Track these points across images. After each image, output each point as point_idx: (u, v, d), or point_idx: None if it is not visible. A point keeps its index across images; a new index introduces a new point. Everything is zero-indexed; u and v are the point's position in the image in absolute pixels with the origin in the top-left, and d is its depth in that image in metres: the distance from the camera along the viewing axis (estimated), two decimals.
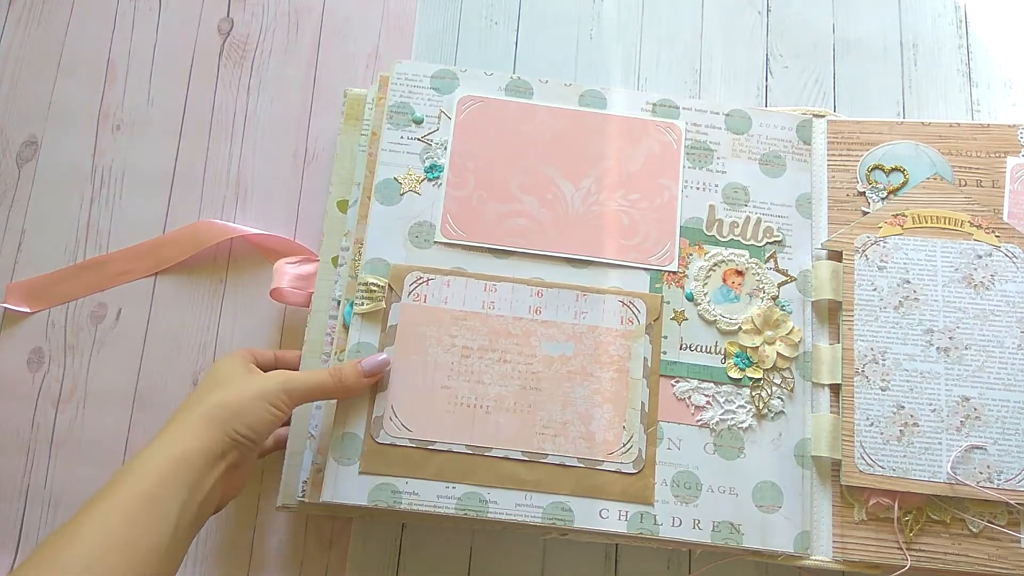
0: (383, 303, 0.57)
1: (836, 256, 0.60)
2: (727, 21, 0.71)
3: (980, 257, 0.58)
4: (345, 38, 0.71)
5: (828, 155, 0.63)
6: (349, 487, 0.53)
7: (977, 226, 0.58)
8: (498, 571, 0.58)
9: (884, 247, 0.58)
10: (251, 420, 0.48)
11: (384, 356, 0.55)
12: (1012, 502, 0.53)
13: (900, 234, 0.59)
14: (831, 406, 0.57)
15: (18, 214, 0.67)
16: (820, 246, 0.60)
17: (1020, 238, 0.58)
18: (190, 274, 0.65)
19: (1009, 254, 0.57)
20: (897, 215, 0.59)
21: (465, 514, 0.53)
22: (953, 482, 0.53)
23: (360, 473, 0.54)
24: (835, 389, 0.57)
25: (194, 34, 0.71)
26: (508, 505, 0.53)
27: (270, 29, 0.71)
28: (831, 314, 0.59)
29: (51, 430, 0.62)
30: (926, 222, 0.59)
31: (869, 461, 0.54)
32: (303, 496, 0.55)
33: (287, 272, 0.63)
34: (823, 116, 0.64)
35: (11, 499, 0.61)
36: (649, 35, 0.70)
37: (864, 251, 0.59)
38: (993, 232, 0.58)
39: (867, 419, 0.55)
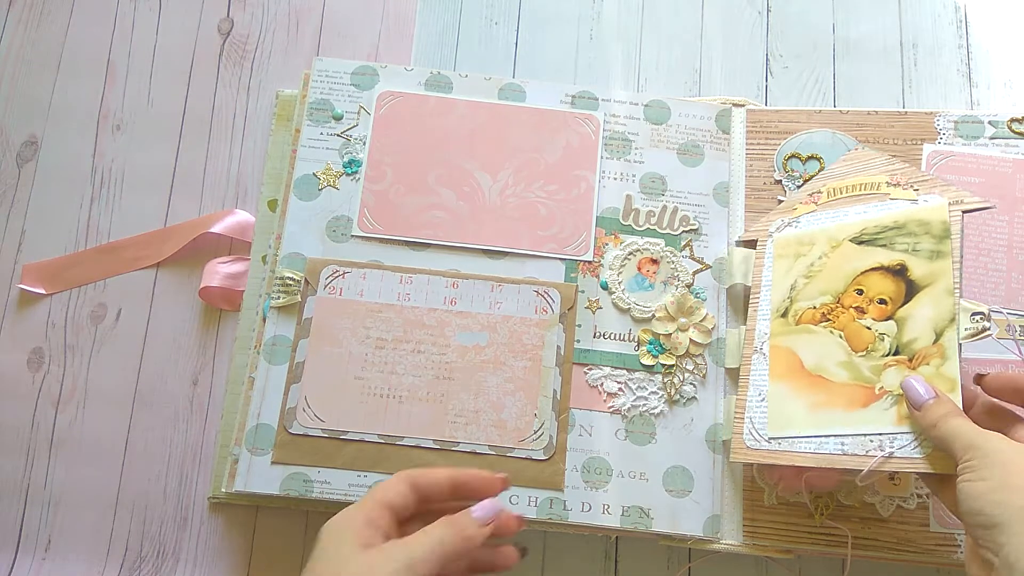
0: (299, 296, 0.58)
1: (753, 245, 0.60)
2: (727, 21, 0.71)
3: None
4: (345, 38, 0.71)
5: (746, 144, 0.63)
6: (261, 477, 0.54)
7: (895, 184, 0.55)
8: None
9: (797, 226, 0.58)
10: None
11: (493, 502, 0.44)
12: (898, 470, 0.48)
13: (814, 211, 0.58)
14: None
15: (18, 214, 0.67)
16: (736, 240, 0.60)
17: (943, 186, 0.53)
18: (190, 274, 0.65)
19: (928, 204, 0.53)
20: (812, 193, 0.58)
21: None
22: (840, 453, 0.50)
23: (273, 463, 0.55)
24: None
25: (194, 34, 0.71)
26: None
27: (270, 29, 0.71)
28: (746, 301, 0.59)
29: (51, 430, 0.62)
30: (841, 193, 0.57)
31: (756, 436, 0.53)
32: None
33: (219, 271, 0.64)
34: (743, 106, 0.65)
35: (11, 499, 0.61)
36: (649, 35, 0.71)
37: (776, 234, 0.59)
38: (911, 187, 0.55)
39: (759, 394, 0.54)
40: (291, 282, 0.58)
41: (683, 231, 0.61)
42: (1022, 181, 0.59)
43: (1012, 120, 0.61)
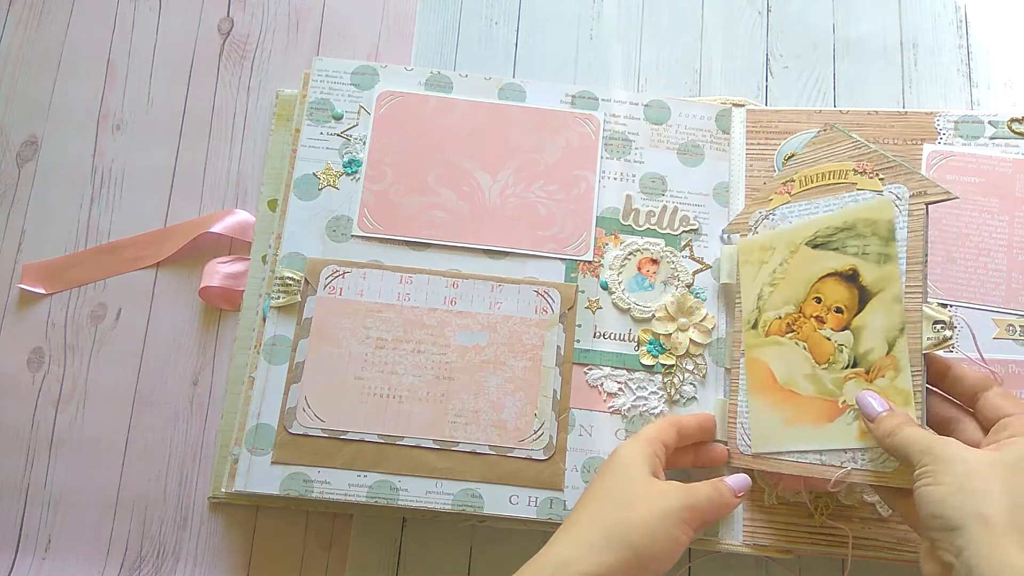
0: (299, 296, 0.58)
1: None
2: (727, 21, 0.71)
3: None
4: (345, 38, 0.71)
5: (747, 144, 0.63)
6: (262, 477, 0.54)
7: (861, 172, 0.53)
8: (498, 570, 0.59)
9: (773, 219, 0.57)
10: (658, 549, 0.45)
11: (744, 478, 0.50)
12: (862, 482, 0.48)
13: (788, 202, 0.56)
14: None
15: (18, 214, 0.67)
16: (722, 231, 0.60)
17: (907, 174, 0.50)
18: (190, 274, 0.65)
19: (892, 195, 0.51)
20: (786, 182, 0.57)
21: (376, 502, 0.54)
22: (821, 464, 0.50)
23: (273, 463, 0.55)
24: None
25: (194, 34, 0.71)
26: (419, 492, 0.54)
27: (270, 29, 0.71)
28: (730, 300, 0.59)
29: (51, 430, 0.62)
30: (812, 182, 0.55)
31: (748, 442, 0.54)
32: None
33: (219, 271, 0.64)
34: (743, 106, 0.65)
35: (11, 499, 0.61)
36: (649, 35, 0.71)
37: (756, 228, 0.58)
38: (877, 175, 0.52)
39: (747, 402, 0.55)
40: (291, 282, 0.58)
41: (683, 231, 0.61)
42: (1022, 181, 0.59)
43: (1012, 120, 0.61)
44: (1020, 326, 0.56)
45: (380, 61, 0.68)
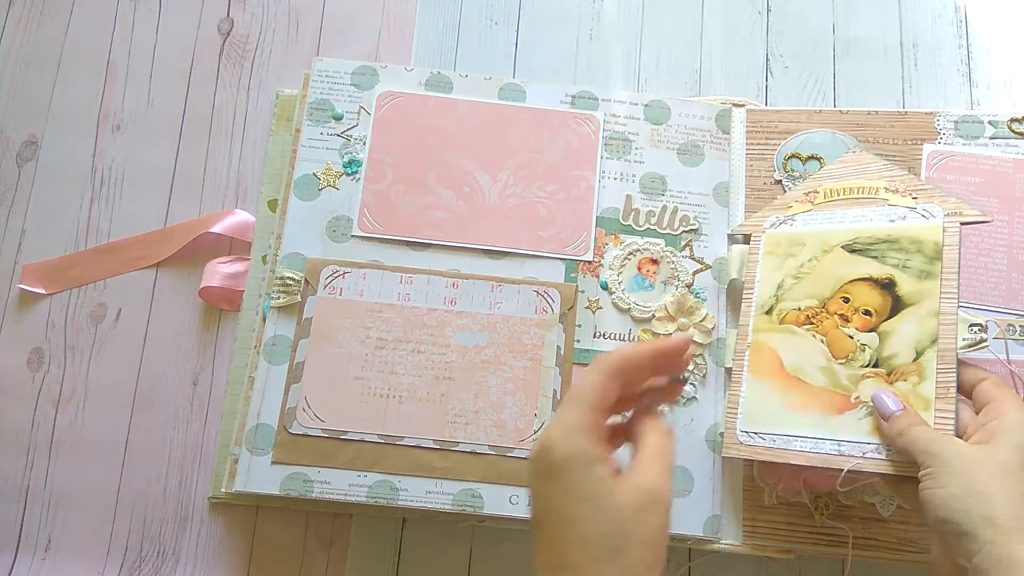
0: (299, 296, 0.58)
1: (748, 240, 0.60)
2: (727, 21, 0.71)
3: (892, 221, 0.54)
4: (345, 38, 0.71)
5: (747, 144, 0.63)
6: (262, 477, 0.54)
7: (893, 191, 0.55)
8: (498, 570, 0.59)
9: (792, 224, 0.57)
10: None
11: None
12: (884, 472, 0.48)
13: (809, 210, 0.57)
14: None
15: (18, 214, 0.67)
16: (731, 231, 0.60)
17: (941, 196, 0.53)
18: (190, 274, 0.65)
19: (926, 214, 0.53)
20: (809, 192, 0.58)
21: (376, 502, 0.54)
22: (836, 454, 0.50)
23: (273, 463, 0.55)
24: None
25: (194, 34, 0.71)
26: (419, 492, 0.54)
27: (270, 29, 0.71)
28: (739, 297, 0.59)
29: (51, 430, 0.62)
30: (838, 195, 0.57)
31: (750, 433, 0.53)
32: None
33: (219, 271, 0.64)
34: (743, 106, 0.65)
35: (11, 499, 0.61)
36: (649, 35, 0.71)
37: (769, 230, 0.58)
38: (910, 194, 0.55)
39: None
40: (291, 282, 0.58)
41: (683, 231, 0.61)
42: (1022, 181, 0.59)
43: (1012, 120, 0.61)
44: (1020, 326, 0.56)
45: (380, 61, 0.68)
